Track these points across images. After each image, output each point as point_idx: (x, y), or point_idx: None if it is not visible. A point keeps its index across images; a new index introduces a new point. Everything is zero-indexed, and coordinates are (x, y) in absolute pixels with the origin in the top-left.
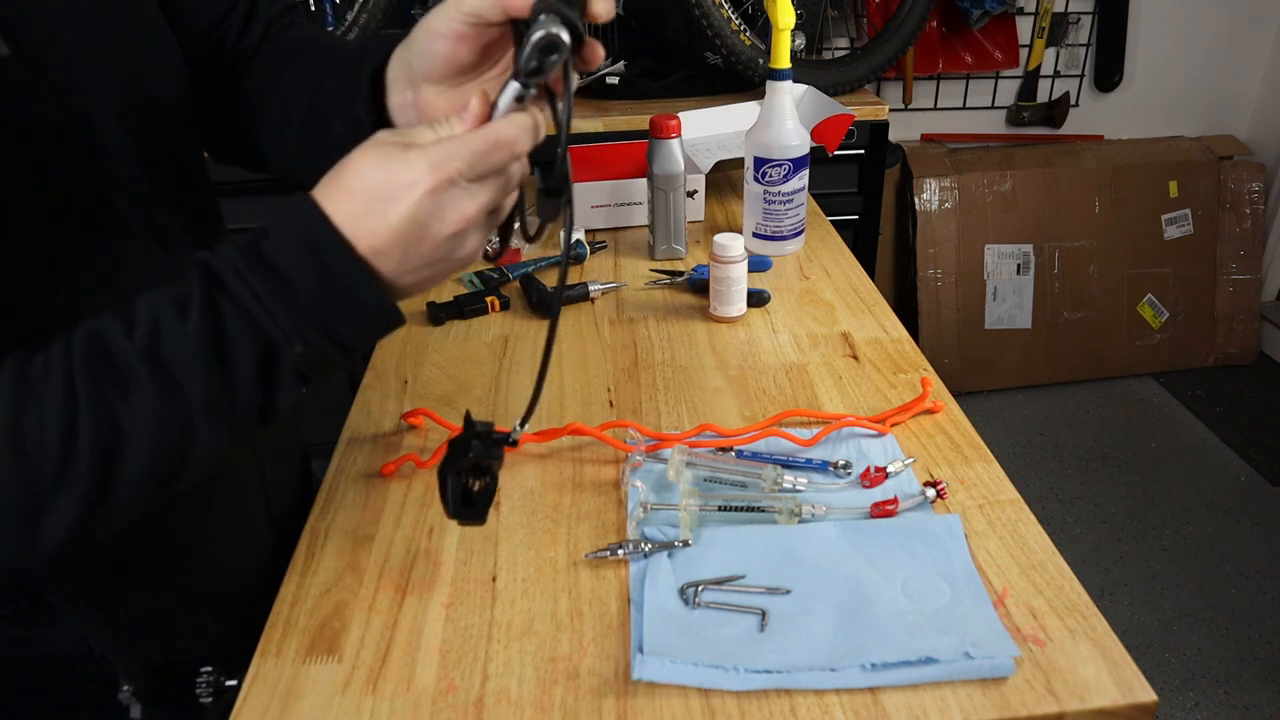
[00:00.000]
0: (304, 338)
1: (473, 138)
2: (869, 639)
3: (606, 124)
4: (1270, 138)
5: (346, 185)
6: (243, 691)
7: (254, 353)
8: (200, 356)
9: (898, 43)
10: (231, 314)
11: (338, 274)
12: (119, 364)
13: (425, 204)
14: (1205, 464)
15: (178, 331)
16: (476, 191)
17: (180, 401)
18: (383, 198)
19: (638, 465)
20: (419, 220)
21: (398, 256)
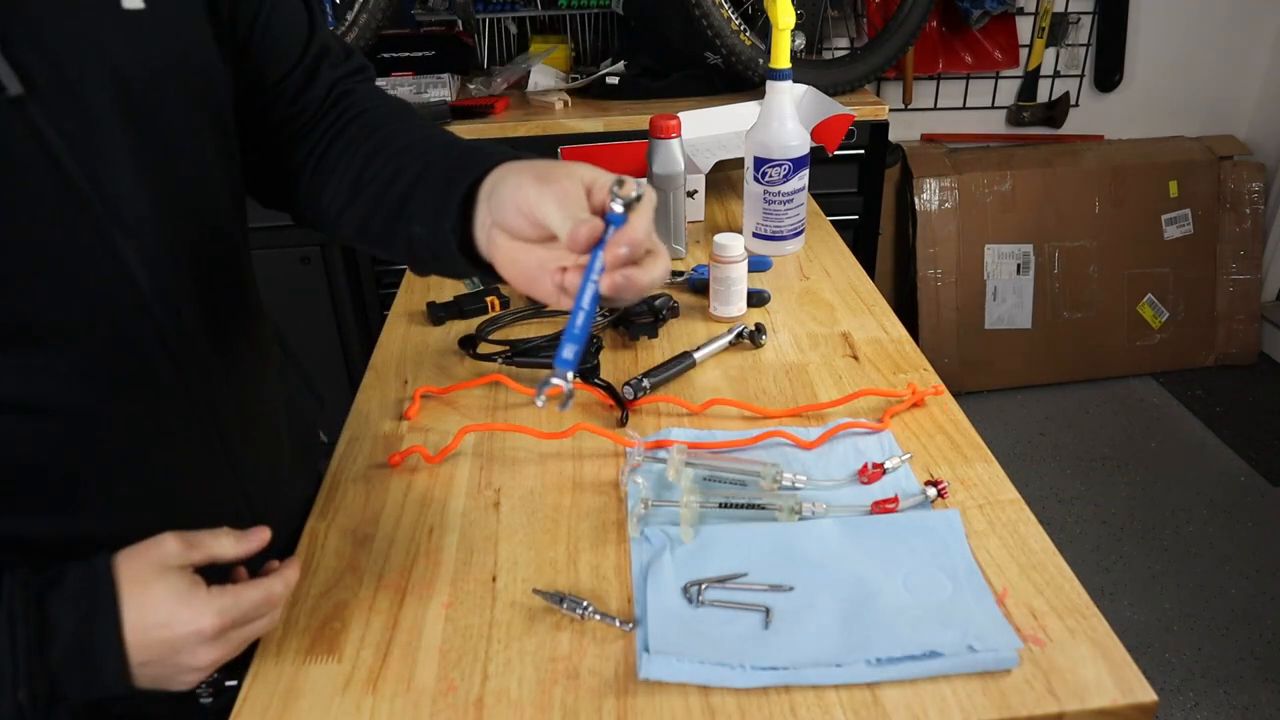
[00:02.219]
0: (30, 687)
1: (251, 592)
2: (873, 634)
3: (606, 124)
4: (1270, 138)
5: (146, 602)
6: (243, 691)
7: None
8: None
9: (898, 43)
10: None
11: (99, 655)
12: None
13: (193, 643)
14: (1205, 464)
15: None
16: (234, 639)
17: None
18: (166, 625)
19: (637, 465)
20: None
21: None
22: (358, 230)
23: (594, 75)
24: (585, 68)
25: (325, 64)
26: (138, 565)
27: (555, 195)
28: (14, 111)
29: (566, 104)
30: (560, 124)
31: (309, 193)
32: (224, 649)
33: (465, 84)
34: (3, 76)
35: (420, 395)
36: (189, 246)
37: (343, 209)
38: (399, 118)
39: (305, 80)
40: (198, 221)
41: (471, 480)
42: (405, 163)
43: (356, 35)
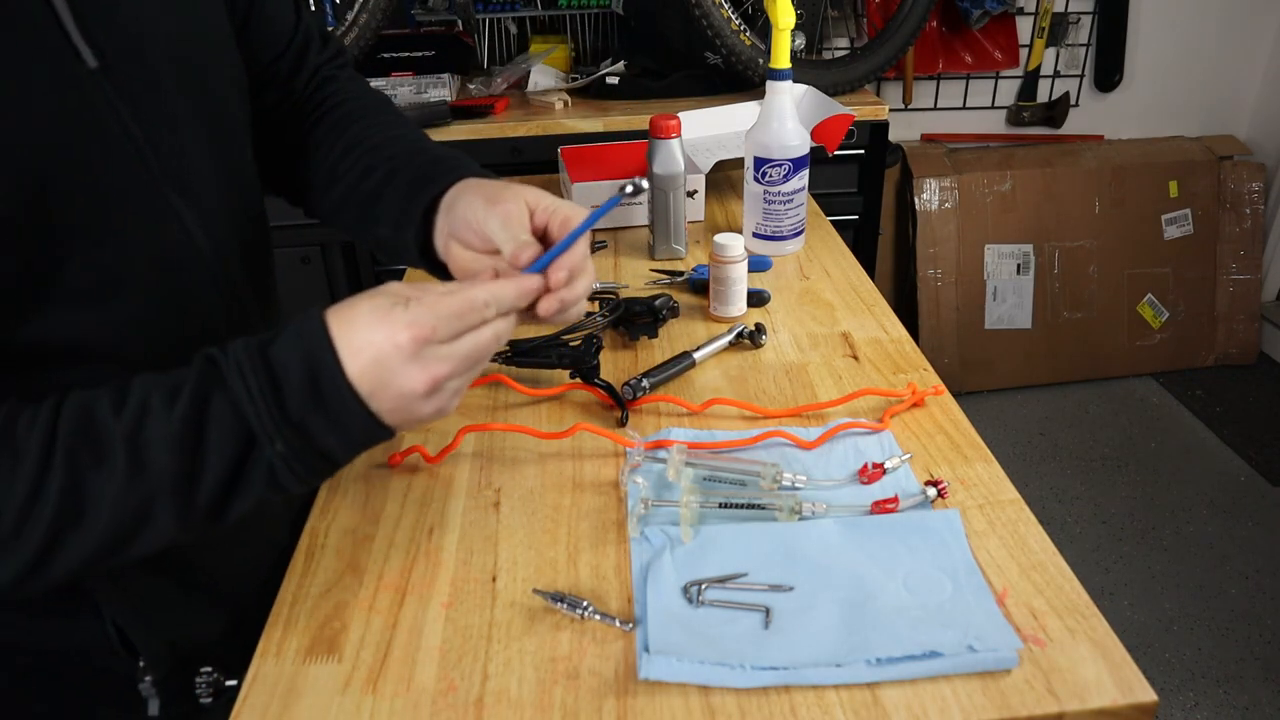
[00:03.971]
0: (285, 438)
1: (450, 300)
2: (873, 634)
3: (606, 124)
4: (1270, 138)
5: (349, 322)
6: (243, 691)
7: (232, 445)
8: (176, 443)
9: (898, 43)
10: (219, 406)
11: (325, 389)
12: (100, 438)
13: (395, 362)
14: (1205, 464)
15: (164, 417)
16: (447, 355)
17: (145, 483)
18: (370, 346)
19: (637, 465)
20: (388, 372)
21: (378, 395)
22: (331, 216)
23: (594, 75)
24: (585, 68)
25: (311, 49)
26: (347, 302)
27: (500, 216)
28: (91, 83)
29: (566, 104)
30: (560, 124)
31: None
32: (436, 367)
33: (465, 84)
34: (82, 51)
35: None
36: (234, 211)
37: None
38: (375, 111)
39: (294, 65)
40: (240, 187)
41: (471, 480)
42: (375, 162)
43: (356, 35)
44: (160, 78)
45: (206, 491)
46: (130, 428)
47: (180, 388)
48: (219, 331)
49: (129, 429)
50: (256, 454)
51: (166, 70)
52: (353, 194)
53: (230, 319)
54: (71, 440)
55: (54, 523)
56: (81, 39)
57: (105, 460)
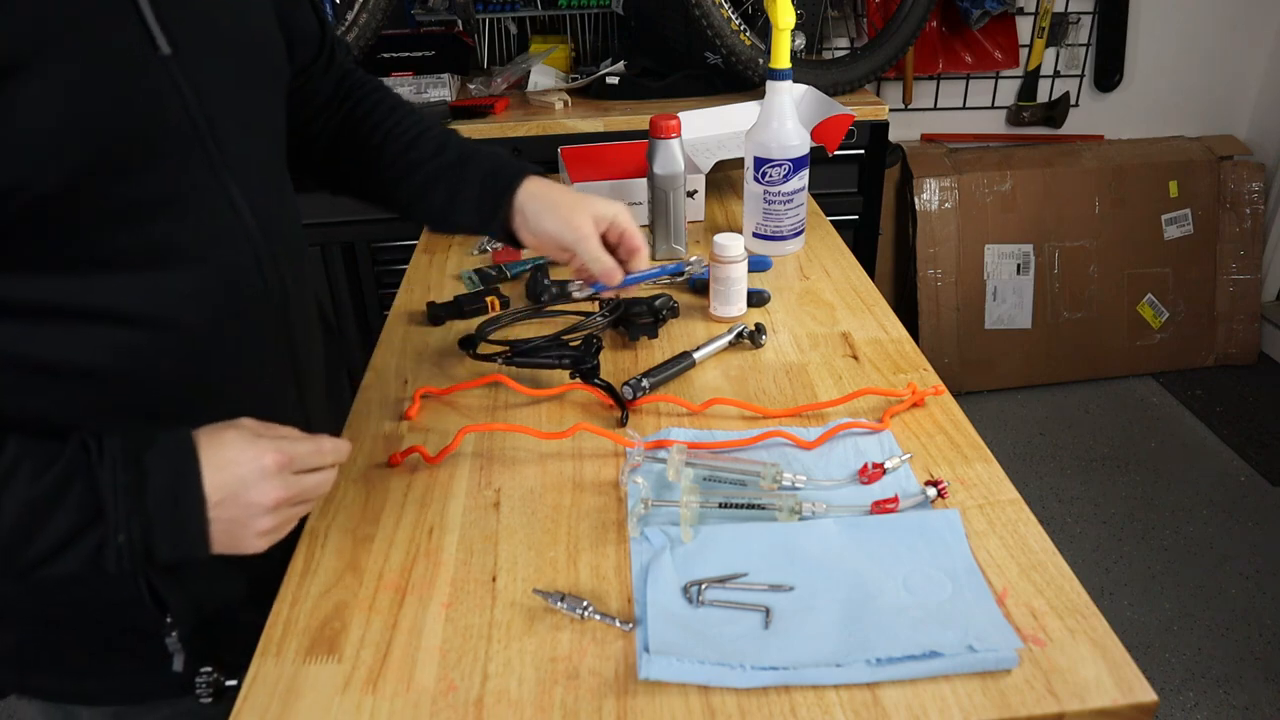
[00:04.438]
0: (129, 531)
1: (305, 444)
2: (873, 634)
3: (606, 124)
4: (1270, 138)
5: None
6: (243, 691)
7: (73, 526)
8: (27, 507)
9: (898, 43)
10: (80, 488)
11: (181, 494)
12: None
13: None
14: (1205, 464)
15: (26, 483)
16: (296, 483)
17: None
18: (234, 463)
19: (637, 465)
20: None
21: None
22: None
23: (594, 75)
24: (585, 68)
25: (339, 51)
26: (214, 426)
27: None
28: (162, 67)
29: (566, 104)
30: (560, 124)
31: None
32: (285, 489)
33: (465, 84)
34: (157, 37)
35: (420, 395)
36: (275, 202)
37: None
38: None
39: (327, 62)
40: (281, 185)
41: (471, 480)
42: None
43: (356, 35)
44: (221, 70)
45: (32, 554)
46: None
47: (52, 462)
48: (261, 312)
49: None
50: (93, 536)
51: (227, 65)
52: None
53: (271, 301)
54: None
55: None
56: (158, 26)
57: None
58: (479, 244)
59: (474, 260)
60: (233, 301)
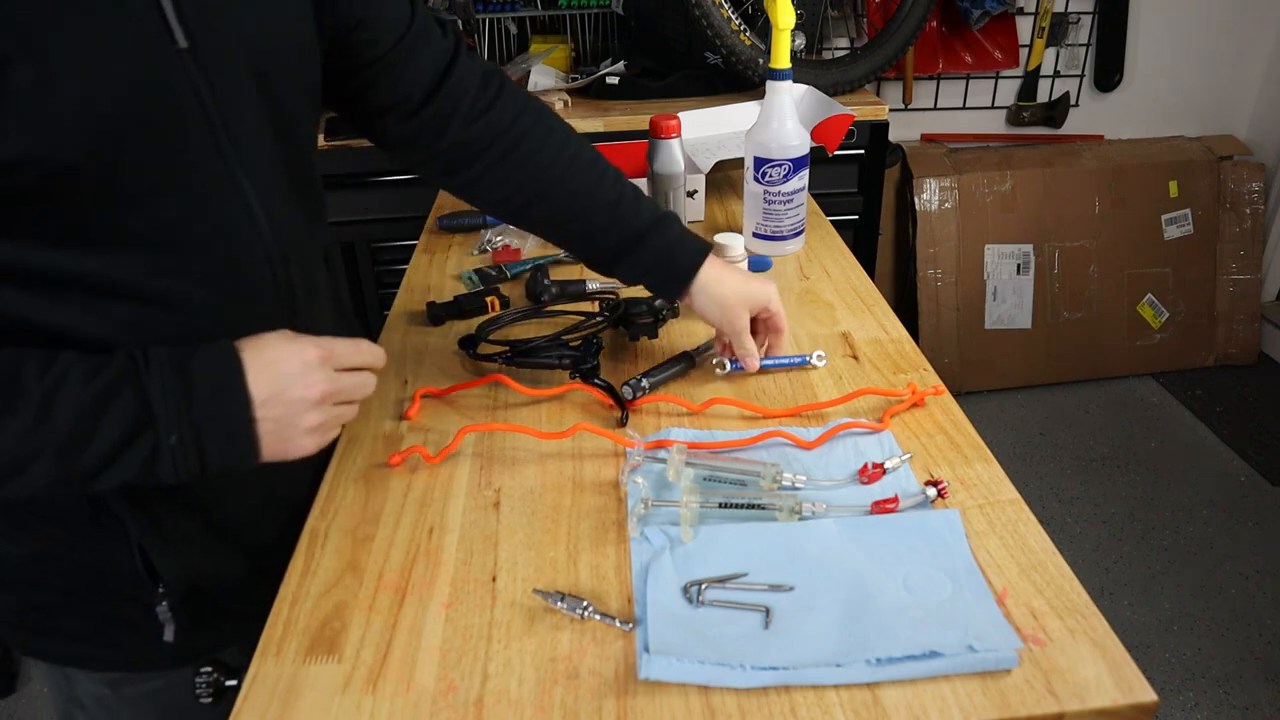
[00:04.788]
0: (179, 433)
1: (345, 343)
2: (873, 634)
3: (606, 124)
4: (1270, 138)
5: (259, 345)
6: (243, 691)
7: (126, 426)
8: (81, 410)
9: (898, 43)
10: (128, 393)
11: (227, 396)
12: (17, 390)
13: (298, 370)
14: (1205, 464)
15: (78, 387)
16: (339, 378)
17: (41, 436)
18: (277, 361)
19: (637, 465)
20: (288, 380)
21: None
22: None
23: (594, 75)
24: (585, 68)
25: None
26: (254, 336)
27: (730, 325)
28: (178, 60)
29: (566, 104)
30: None
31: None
32: (329, 383)
33: None
34: (175, 30)
35: (420, 396)
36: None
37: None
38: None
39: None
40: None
41: (471, 480)
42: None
43: None
44: (239, 68)
45: (89, 459)
46: (47, 387)
47: (100, 369)
48: (269, 308)
49: (46, 388)
50: (146, 439)
51: (246, 63)
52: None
53: (278, 294)
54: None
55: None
56: (176, 20)
57: (14, 410)
58: (479, 244)
59: (474, 260)
60: (241, 290)
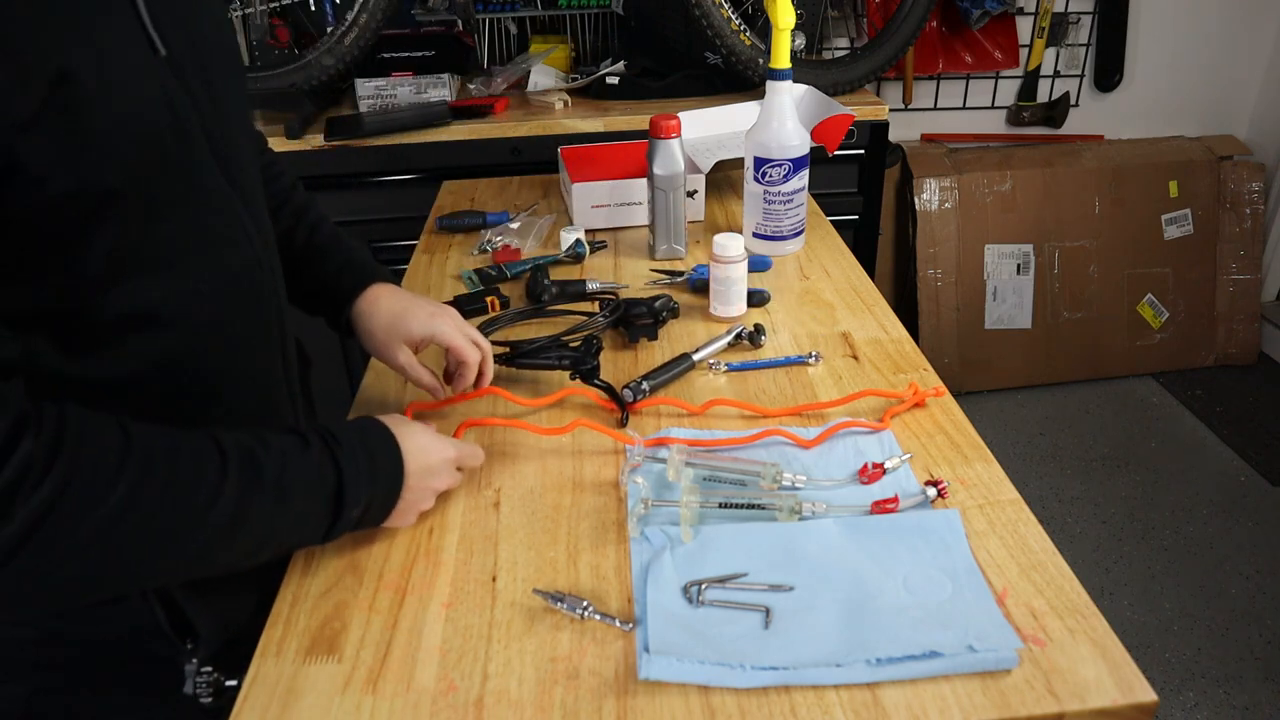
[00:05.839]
0: (360, 507)
1: (469, 446)
2: (873, 634)
3: (606, 124)
4: (1270, 138)
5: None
6: (243, 691)
7: (328, 494)
8: (310, 485)
9: (898, 43)
10: (330, 463)
11: (392, 481)
12: (264, 478)
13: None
14: (1205, 464)
15: (300, 461)
16: (456, 477)
17: (282, 513)
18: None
19: (637, 465)
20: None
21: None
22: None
23: (594, 75)
24: (585, 68)
25: None
26: (396, 419)
27: (400, 367)
28: (165, 70)
29: (566, 104)
30: (560, 124)
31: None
32: (453, 480)
33: (465, 84)
34: (154, 39)
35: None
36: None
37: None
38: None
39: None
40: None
41: (471, 480)
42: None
43: (356, 35)
44: (213, 77)
45: (304, 530)
46: (280, 473)
47: (309, 443)
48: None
49: (280, 474)
50: (336, 514)
51: (212, 71)
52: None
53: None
54: (243, 477)
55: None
56: (153, 28)
57: (262, 484)
58: (479, 244)
59: (474, 260)
60: (242, 301)
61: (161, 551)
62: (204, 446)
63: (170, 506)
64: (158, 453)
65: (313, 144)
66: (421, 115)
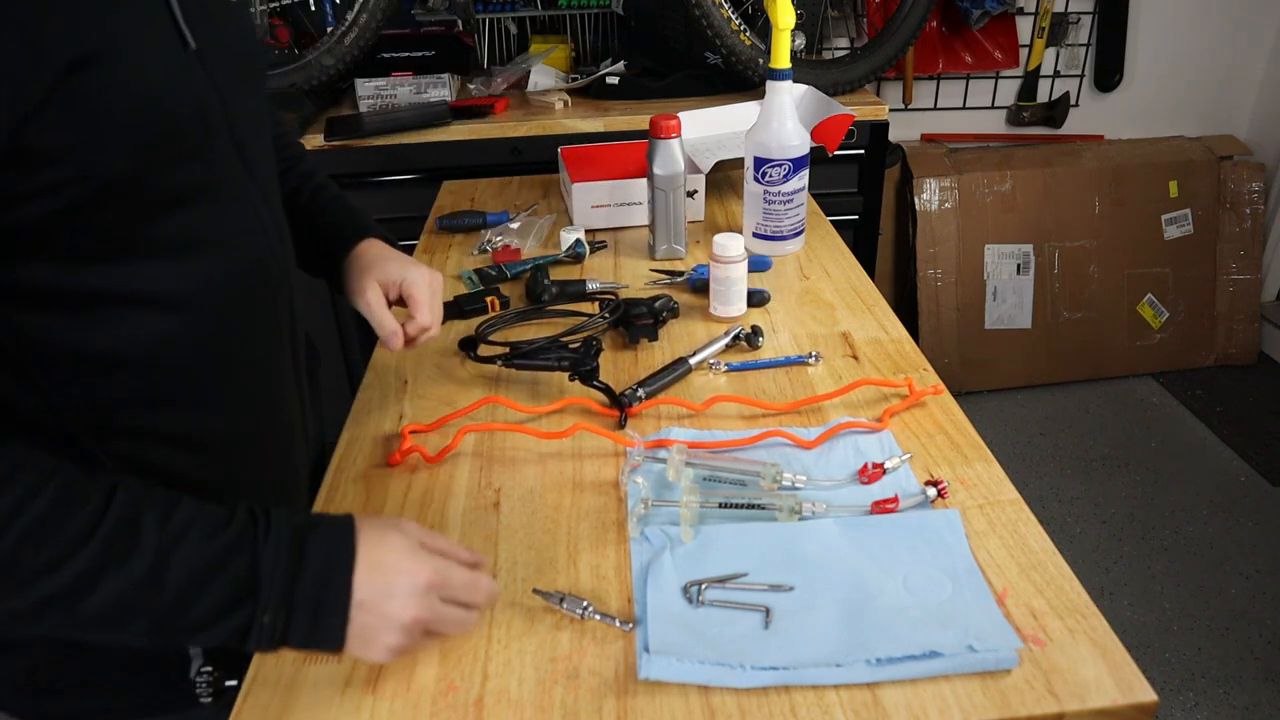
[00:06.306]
0: (273, 614)
1: (466, 573)
2: (873, 634)
3: (606, 124)
4: (1270, 138)
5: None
6: (243, 691)
7: (230, 597)
8: (193, 576)
9: (898, 43)
10: (242, 562)
11: (330, 591)
12: (135, 537)
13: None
14: (1205, 464)
15: (195, 549)
16: (439, 610)
17: (150, 595)
18: (389, 570)
19: (637, 465)
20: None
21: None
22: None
23: (594, 75)
24: (585, 68)
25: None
26: (378, 522)
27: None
28: (193, 62)
29: (566, 104)
30: (560, 124)
31: None
32: (427, 612)
33: (465, 84)
34: (185, 32)
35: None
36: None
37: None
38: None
39: None
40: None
41: (471, 480)
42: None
43: (356, 35)
44: (234, 70)
45: (187, 622)
46: (166, 542)
47: (220, 529)
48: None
49: (164, 542)
50: (244, 610)
51: (237, 66)
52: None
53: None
54: (114, 534)
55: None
56: (184, 22)
57: (129, 561)
58: (479, 244)
59: (474, 260)
60: (257, 294)
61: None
62: (84, 490)
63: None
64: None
65: (313, 144)
66: (421, 115)
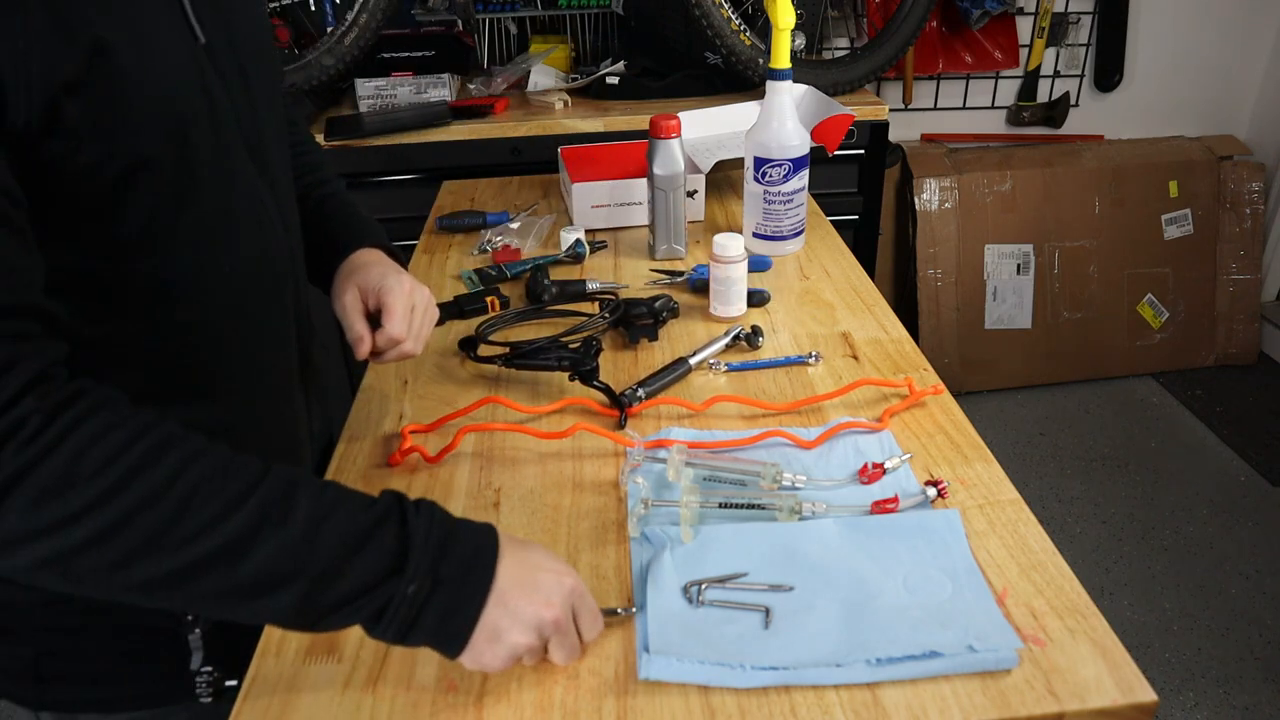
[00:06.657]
0: (419, 584)
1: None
2: (873, 634)
3: (606, 124)
4: (1270, 138)
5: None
6: (243, 691)
7: (379, 567)
8: (344, 542)
9: (898, 43)
10: (389, 534)
11: (474, 578)
12: (292, 504)
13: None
14: (1205, 464)
15: (349, 516)
16: (566, 622)
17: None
18: (533, 567)
19: (637, 465)
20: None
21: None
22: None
23: (594, 75)
24: (585, 68)
25: None
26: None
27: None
28: (203, 54)
29: (566, 104)
30: (560, 124)
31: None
32: (562, 616)
33: (465, 84)
34: (194, 26)
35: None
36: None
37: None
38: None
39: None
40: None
41: (471, 480)
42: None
43: (356, 35)
44: (250, 68)
45: (332, 596)
46: (320, 511)
47: (371, 504)
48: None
49: (319, 510)
50: (387, 588)
51: (255, 64)
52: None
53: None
54: (271, 493)
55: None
56: (194, 16)
57: (285, 523)
58: (479, 244)
59: (474, 260)
60: (266, 283)
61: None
62: (243, 460)
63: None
64: (175, 448)
65: None
66: (421, 115)
